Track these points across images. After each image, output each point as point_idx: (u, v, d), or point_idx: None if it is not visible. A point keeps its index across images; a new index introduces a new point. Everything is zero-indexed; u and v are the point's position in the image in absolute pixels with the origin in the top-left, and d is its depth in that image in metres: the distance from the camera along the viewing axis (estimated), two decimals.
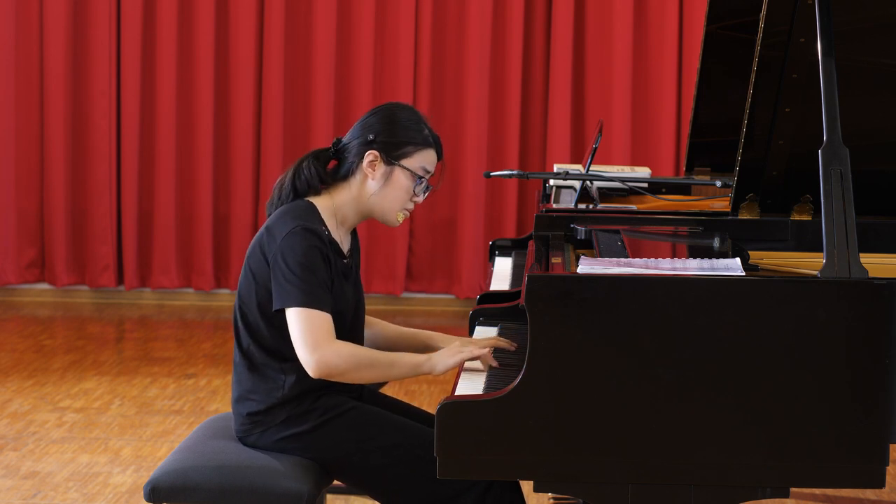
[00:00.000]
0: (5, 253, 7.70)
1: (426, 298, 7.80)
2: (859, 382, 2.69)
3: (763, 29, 3.23)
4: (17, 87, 7.62)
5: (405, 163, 3.11)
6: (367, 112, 3.18)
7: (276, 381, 3.08)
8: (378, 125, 3.12)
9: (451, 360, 3.03)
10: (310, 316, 2.97)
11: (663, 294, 2.70)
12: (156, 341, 6.91)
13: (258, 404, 3.10)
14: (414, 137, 3.12)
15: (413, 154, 3.11)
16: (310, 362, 2.97)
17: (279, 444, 3.09)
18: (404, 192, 3.12)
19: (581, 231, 3.47)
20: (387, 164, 3.10)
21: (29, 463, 4.74)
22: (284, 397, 3.07)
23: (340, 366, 2.97)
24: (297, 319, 2.98)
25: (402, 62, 7.56)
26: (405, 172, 3.11)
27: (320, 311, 2.98)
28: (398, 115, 3.13)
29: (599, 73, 7.55)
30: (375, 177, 3.11)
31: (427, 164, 3.14)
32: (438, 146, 3.16)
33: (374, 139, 3.10)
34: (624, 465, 2.72)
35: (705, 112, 4.47)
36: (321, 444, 3.07)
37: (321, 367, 2.97)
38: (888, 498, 4.45)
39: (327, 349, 2.97)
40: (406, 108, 3.17)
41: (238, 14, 7.58)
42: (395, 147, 3.10)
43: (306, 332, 2.97)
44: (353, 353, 2.99)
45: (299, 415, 3.07)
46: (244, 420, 3.13)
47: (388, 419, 3.11)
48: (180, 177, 7.68)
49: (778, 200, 3.49)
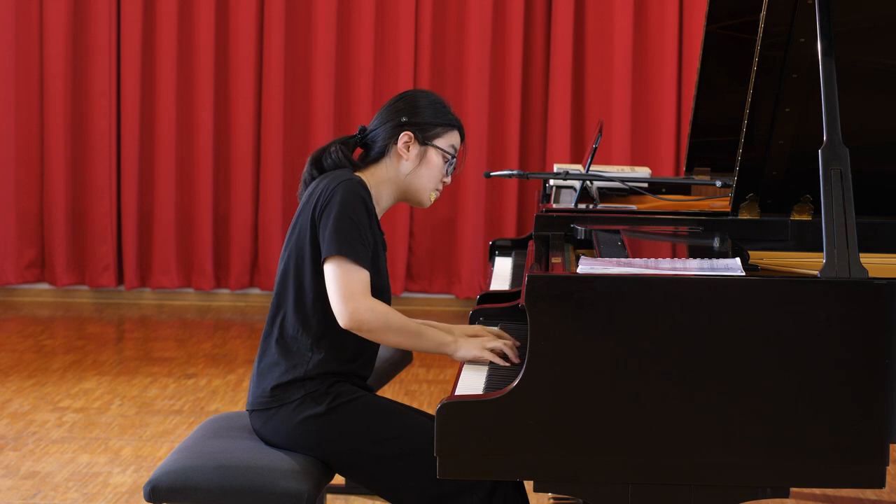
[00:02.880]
0: (5, 253, 7.70)
1: (426, 298, 7.80)
2: (859, 382, 2.69)
3: (763, 29, 3.23)
4: (17, 87, 7.63)
5: (438, 143, 3.23)
6: (393, 98, 3.29)
7: (302, 356, 3.11)
8: (409, 108, 3.23)
9: (474, 352, 3.08)
10: (349, 268, 3.02)
11: (663, 294, 2.70)
12: (156, 341, 6.91)
13: (281, 376, 3.11)
14: (443, 119, 3.25)
15: (443, 134, 3.24)
16: (343, 312, 3.01)
17: (289, 428, 3.09)
18: (438, 171, 3.24)
19: (581, 231, 3.48)
20: (421, 145, 3.22)
21: (29, 463, 4.74)
22: (307, 373, 3.09)
23: (371, 321, 3.01)
24: (337, 269, 3.02)
25: (402, 62, 7.56)
26: (438, 152, 3.22)
27: (359, 266, 3.03)
28: (426, 98, 3.27)
29: (599, 73, 7.55)
30: (410, 157, 3.21)
31: (456, 143, 3.27)
32: (461, 128, 3.30)
33: (408, 121, 3.21)
34: (624, 465, 2.72)
35: (705, 112, 4.47)
36: (330, 429, 3.08)
37: (354, 318, 3.00)
38: (888, 498, 4.45)
39: (363, 302, 3.01)
40: (431, 93, 3.31)
41: (238, 14, 7.58)
42: (427, 128, 3.23)
43: (343, 282, 3.01)
44: (386, 313, 3.03)
45: (315, 396, 3.08)
46: (263, 394, 3.14)
47: (399, 411, 3.13)
48: (180, 177, 7.68)
49: (778, 200, 3.49)
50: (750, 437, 2.70)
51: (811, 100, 3.18)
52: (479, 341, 3.11)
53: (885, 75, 3.40)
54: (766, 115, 3.36)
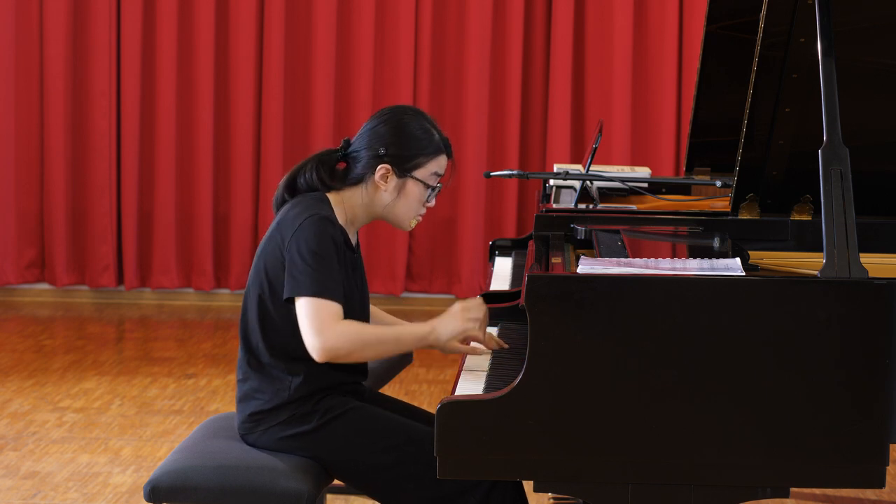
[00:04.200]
0: (5, 253, 7.70)
1: (426, 298, 7.80)
2: (859, 382, 2.69)
3: (763, 29, 3.23)
4: (17, 87, 7.62)
5: (417, 174, 3.10)
6: (376, 116, 3.15)
7: (282, 381, 3.08)
8: (388, 136, 3.09)
9: (457, 328, 3.00)
10: (319, 304, 2.95)
11: (663, 294, 2.70)
12: (156, 341, 6.91)
13: (264, 403, 3.10)
14: (425, 148, 3.10)
15: (425, 164, 3.11)
16: (315, 346, 2.95)
17: (280, 443, 3.09)
18: (417, 202, 3.12)
19: (581, 231, 3.47)
20: (399, 178, 3.10)
21: (29, 463, 4.74)
22: (290, 398, 3.07)
23: (346, 345, 2.96)
24: (307, 308, 2.96)
25: (402, 62, 7.56)
26: (417, 184, 3.11)
27: (330, 301, 2.97)
28: (408, 126, 3.10)
29: (599, 73, 7.55)
30: (388, 189, 3.10)
31: (439, 169, 3.14)
32: (449, 148, 3.16)
33: (386, 153, 3.08)
34: (624, 465, 2.72)
35: (705, 112, 4.47)
36: (323, 445, 3.07)
37: (326, 349, 2.95)
38: (888, 498, 4.45)
39: (332, 331, 2.94)
40: (415, 115, 3.14)
41: (238, 14, 7.58)
42: (406, 160, 3.09)
43: (314, 317, 2.95)
44: (358, 332, 2.98)
45: (302, 415, 3.07)
46: (247, 418, 3.13)
47: (389, 420, 3.10)
48: (180, 177, 7.68)
49: (778, 200, 3.49)
50: (750, 437, 2.70)
51: (811, 100, 3.18)
52: (453, 315, 3.03)
53: (885, 75, 3.40)
54: (766, 115, 3.36)
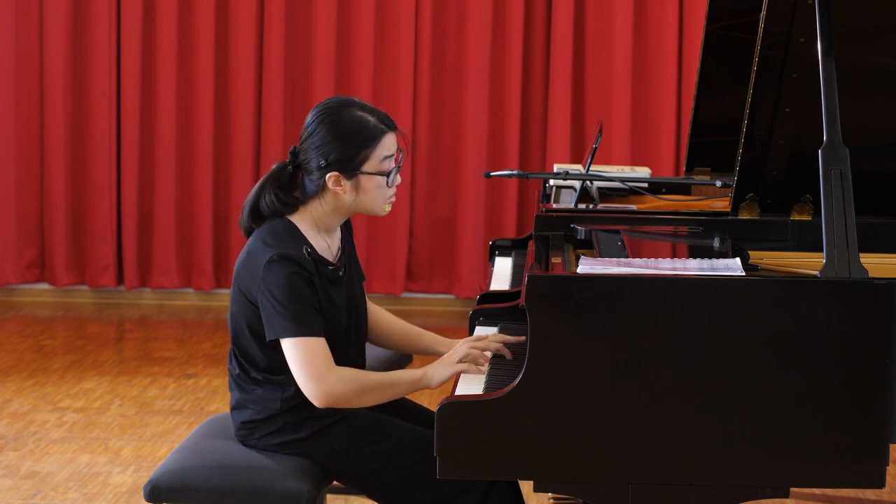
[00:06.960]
0: (5, 253, 7.70)
1: (426, 298, 7.80)
2: (859, 382, 2.69)
3: (763, 29, 3.23)
4: (17, 87, 7.62)
5: (367, 168, 3.05)
6: (311, 119, 3.09)
7: (273, 392, 3.08)
8: (326, 143, 3.04)
9: (446, 372, 3.05)
10: (305, 345, 2.96)
11: (663, 294, 2.70)
12: (156, 341, 6.91)
13: (256, 413, 3.10)
14: (364, 140, 3.04)
15: (370, 156, 3.05)
16: (314, 393, 2.97)
17: (277, 448, 3.10)
18: (380, 189, 3.07)
19: (581, 231, 3.47)
20: (351, 179, 3.05)
21: (29, 463, 4.74)
22: (282, 408, 3.07)
23: (345, 394, 2.97)
24: (294, 350, 2.97)
25: (402, 62, 7.56)
26: (371, 177, 3.06)
27: (314, 338, 2.97)
28: (341, 124, 3.05)
29: (599, 73, 7.55)
30: (346, 191, 3.06)
31: (387, 151, 3.07)
32: (389, 122, 3.08)
33: (328, 161, 3.04)
34: (624, 465, 2.72)
35: (705, 112, 4.47)
36: (319, 450, 3.07)
37: (327, 398, 2.97)
38: (888, 498, 4.45)
39: (331, 379, 2.96)
40: (346, 108, 3.07)
41: (238, 14, 7.58)
42: (350, 160, 3.04)
43: (305, 362, 2.96)
44: (356, 379, 2.99)
45: (296, 423, 3.08)
46: (241, 426, 3.14)
47: (386, 423, 3.10)
48: (180, 177, 7.68)
49: (778, 200, 3.49)
50: (750, 437, 2.70)
51: (811, 100, 3.18)
52: (449, 359, 3.07)
53: (885, 75, 3.40)
54: (766, 115, 3.36)
